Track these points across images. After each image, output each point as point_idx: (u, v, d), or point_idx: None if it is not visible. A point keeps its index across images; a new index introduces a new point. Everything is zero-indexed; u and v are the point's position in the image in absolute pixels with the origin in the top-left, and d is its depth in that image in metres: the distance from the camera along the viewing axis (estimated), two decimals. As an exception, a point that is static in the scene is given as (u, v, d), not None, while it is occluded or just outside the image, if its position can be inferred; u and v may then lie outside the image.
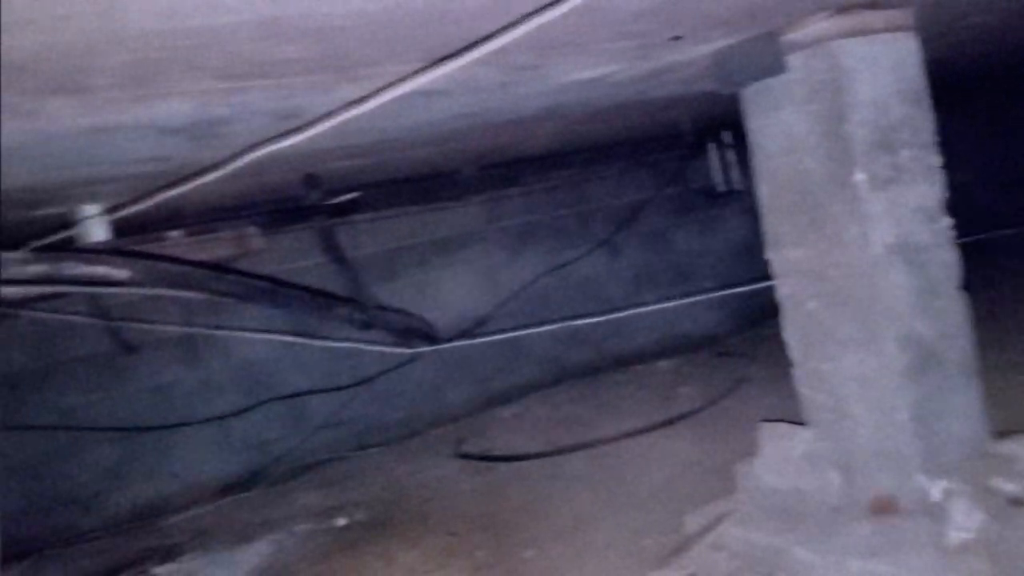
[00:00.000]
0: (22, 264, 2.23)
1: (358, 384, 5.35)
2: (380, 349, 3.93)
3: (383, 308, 3.88)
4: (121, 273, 2.39)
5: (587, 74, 2.97)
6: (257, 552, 3.72)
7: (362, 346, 3.72)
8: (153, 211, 3.26)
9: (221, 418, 5.01)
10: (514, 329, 5.12)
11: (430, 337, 4.08)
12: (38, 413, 4.59)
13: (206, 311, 4.69)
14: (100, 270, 2.34)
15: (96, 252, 2.50)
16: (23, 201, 2.86)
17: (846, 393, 2.79)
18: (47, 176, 2.57)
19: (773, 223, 2.96)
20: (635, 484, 3.83)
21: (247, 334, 4.11)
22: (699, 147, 6.58)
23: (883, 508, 2.72)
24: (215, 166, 2.27)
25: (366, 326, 3.70)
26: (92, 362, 4.75)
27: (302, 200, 3.75)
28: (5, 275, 2.19)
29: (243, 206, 4.22)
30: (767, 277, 3.06)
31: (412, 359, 5.40)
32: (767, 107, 2.89)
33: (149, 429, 4.82)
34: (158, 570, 3.68)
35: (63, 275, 2.27)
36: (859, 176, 2.63)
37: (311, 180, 3.62)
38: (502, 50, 1.97)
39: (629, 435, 4.47)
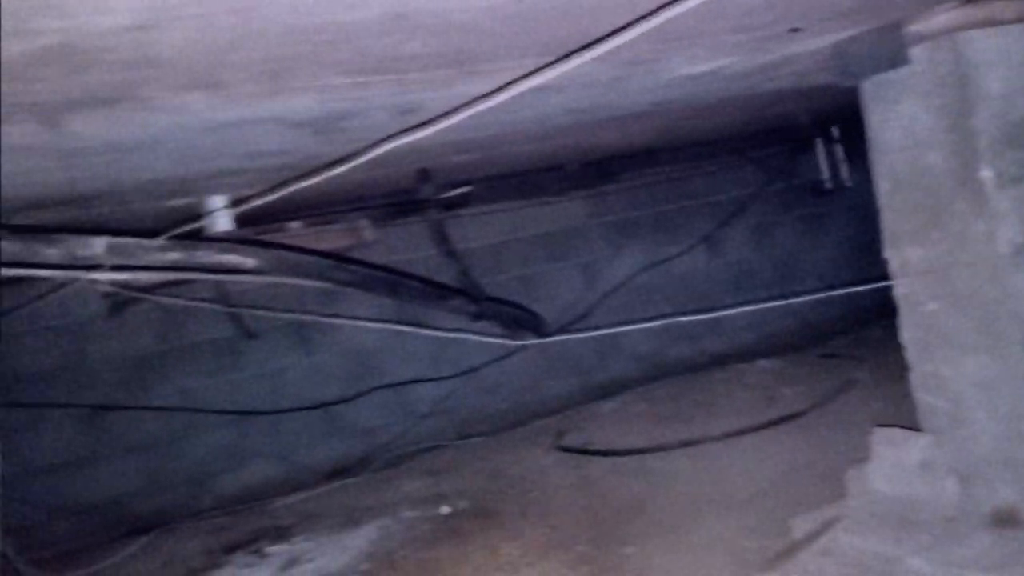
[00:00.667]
0: (160, 251, 2.32)
1: (462, 374, 5.41)
2: (490, 340, 3.95)
3: (494, 300, 3.90)
4: (249, 261, 2.47)
5: (700, 68, 2.91)
6: (365, 537, 3.79)
7: (473, 337, 3.75)
8: (273, 203, 3.36)
9: (329, 404, 5.13)
10: (614, 325, 5.09)
11: (538, 330, 4.08)
12: (161, 394, 4.80)
13: (317, 299, 4.83)
14: (231, 258, 2.43)
15: (227, 241, 2.59)
16: (156, 192, 2.99)
17: (966, 399, 2.66)
18: (180, 168, 2.67)
19: (892, 220, 2.85)
20: (738, 485, 3.74)
21: (365, 323, 4.19)
22: (806, 142, 6.40)
23: (1004, 519, 2.59)
24: (347, 158, 2.31)
25: (477, 317, 3.73)
26: (211, 347, 4.94)
27: (415, 194, 3.80)
28: (144, 261, 2.29)
29: (357, 199, 4.30)
30: (876, 277, 2.95)
31: (514, 351, 5.42)
32: (888, 100, 2.78)
33: (262, 413, 4.98)
34: (271, 550, 3.79)
35: (197, 262, 2.37)
36: (985, 173, 2.50)
37: (424, 175, 3.67)
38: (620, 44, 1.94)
39: (732, 435, 4.38)
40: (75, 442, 4.62)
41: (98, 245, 2.15)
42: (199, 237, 2.64)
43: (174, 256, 2.34)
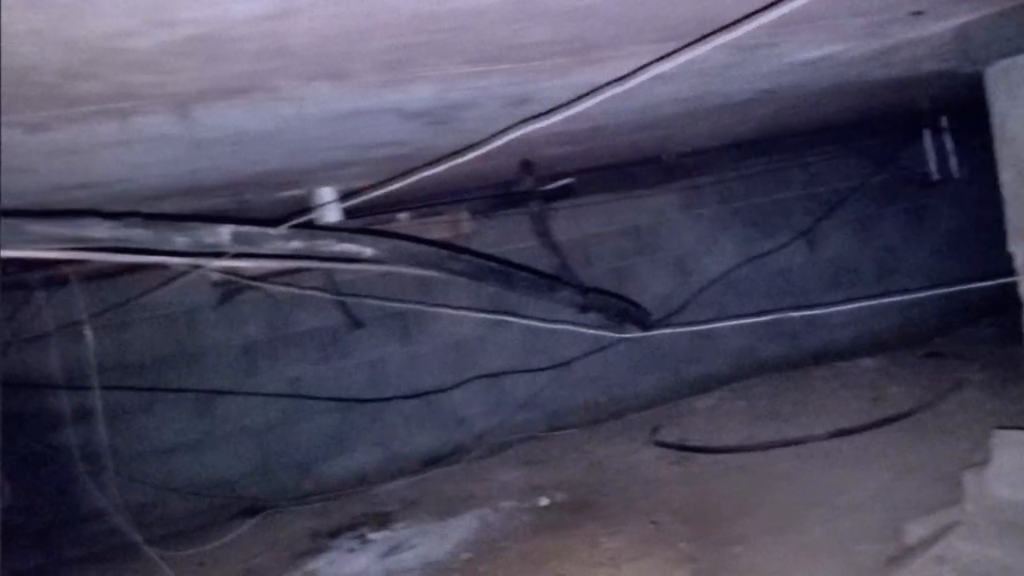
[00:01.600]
0: (283, 240, 2.34)
1: (556, 367, 5.36)
2: (597, 333, 3.89)
3: (600, 291, 3.83)
4: (367, 251, 2.47)
5: (815, 53, 2.79)
6: (465, 526, 3.78)
7: (579, 328, 3.69)
8: (379, 195, 3.37)
9: (427, 393, 5.16)
10: (711, 320, 4.95)
11: (643, 323, 3.99)
12: (269, 381, 4.90)
13: (415, 291, 4.86)
14: (349, 247, 2.43)
15: (346, 231, 2.60)
16: (269, 183, 3.02)
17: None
18: (294, 160, 2.69)
19: (1017, 213, 2.67)
20: (846, 487, 3.59)
21: (477, 314, 4.18)
22: (912, 131, 6.11)
23: None
24: (470, 147, 2.28)
25: (585, 309, 3.67)
26: (316, 336, 5.01)
27: (517, 185, 3.76)
28: (267, 249, 2.30)
29: (458, 191, 4.30)
30: (983, 273, 2.77)
31: (607, 345, 5.36)
32: (1015, 86, 2.61)
33: (364, 401, 5.03)
34: (374, 536, 3.82)
35: (318, 251, 2.37)
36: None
37: (527, 166, 3.63)
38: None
39: (837, 434, 4.21)
40: (188, 426, 4.75)
41: (224, 233, 2.17)
42: (324, 227, 2.65)
43: (296, 245, 2.35)
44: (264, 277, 3.52)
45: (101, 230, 1.92)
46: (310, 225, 2.73)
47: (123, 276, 4.36)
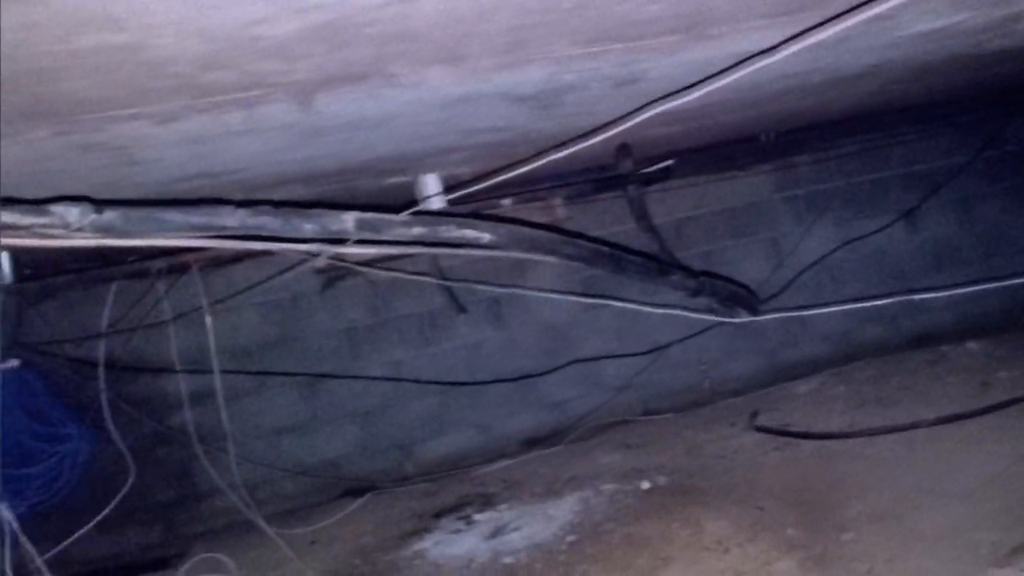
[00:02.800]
0: (405, 226, 2.34)
1: (652, 351, 5.28)
2: (708, 318, 3.79)
3: (710, 275, 3.73)
4: (485, 236, 2.45)
5: (932, 25, 2.64)
6: (568, 507, 3.74)
7: (689, 313, 3.61)
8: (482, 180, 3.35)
9: (524, 377, 5.14)
10: (812, 306, 4.78)
11: (753, 307, 3.87)
12: (371, 365, 4.96)
13: (510, 275, 4.85)
14: (468, 232, 2.42)
15: (465, 216, 2.58)
16: (377, 170, 3.03)
17: None
18: (403, 146, 2.69)
19: None
20: (959, 474, 3.41)
21: (578, 298, 4.14)
22: (1017, 108, 5.78)
23: None
24: (594, 131, 2.23)
25: (696, 293, 3.57)
26: (416, 321, 5.05)
27: (614, 168, 3.69)
28: (389, 235, 2.30)
29: (553, 176, 4.24)
30: None
31: (703, 329, 5.24)
32: None
33: (462, 384, 5.05)
34: (478, 517, 3.81)
35: (438, 237, 2.36)
36: None
37: (624, 149, 3.55)
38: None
39: (946, 420, 4.01)
40: (295, 408, 4.84)
41: (348, 220, 2.18)
42: (442, 213, 2.64)
43: (418, 231, 2.35)
44: (366, 263, 3.55)
45: (233, 218, 1.94)
46: (426, 211, 2.72)
47: (235, 264, 4.48)
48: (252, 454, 4.32)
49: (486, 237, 2.43)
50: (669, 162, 3.95)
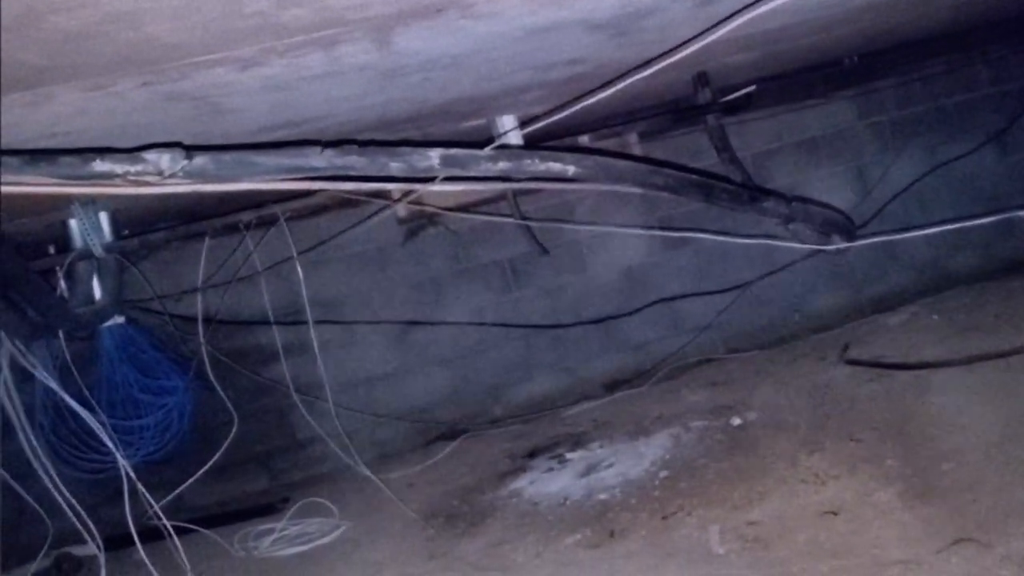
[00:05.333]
0: (491, 161, 2.27)
1: (734, 288, 5.13)
2: (798, 246, 3.61)
3: (804, 200, 3.55)
4: (570, 169, 2.36)
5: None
6: (658, 445, 3.68)
7: (780, 243, 3.45)
8: (554, 122, 3.23)
9: (605, 319, 5.06)
10: (902, 228, 4.53)
11: (849, 233, 3.67)
12: (456, 312, 4.95)
13: (590, 216, 4.75)
14: (553, 166, 2.33)
15: (550, 150, 2.49)
16: (453, 113, 2.95)
17: None
18: (479, 86, 2.60)
19: None
20: (1070, 400, 3.22)
21: (664, 233, 4.01)
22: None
23: None
24: (661, 56, 2.10)
25: (789, 220, 3.40)
26: (497, 267, 5.01)
27: (691, 100, 3.52)
28: (475, 172, 2.24)
29: (627, 113, 4.09)
30: None
31: (785, 265, 5.07)
32: None
33: (545, 327, 5.00)
34: (570, 455, 3.79)
35: (524, 171, 2.29)
36: None
37: (701, 78, 3.38)
38: None
39: (1054, 345, 3.77)
40: (385, 356, 4.87)
41: (434, 157, 2.12)
42: (527, 146, 2.56)
43: (503, 165, 2.27)
44: (449, 210, 3.51)
45: (321, 159, 1.91)
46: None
47: (320, 215, 4.50)
48: (346, 402, 4.36)
49: (571, 170, 2.33)
50: (751, 88, 3.74)
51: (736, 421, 3.79)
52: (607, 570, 2.76)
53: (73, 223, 2.83)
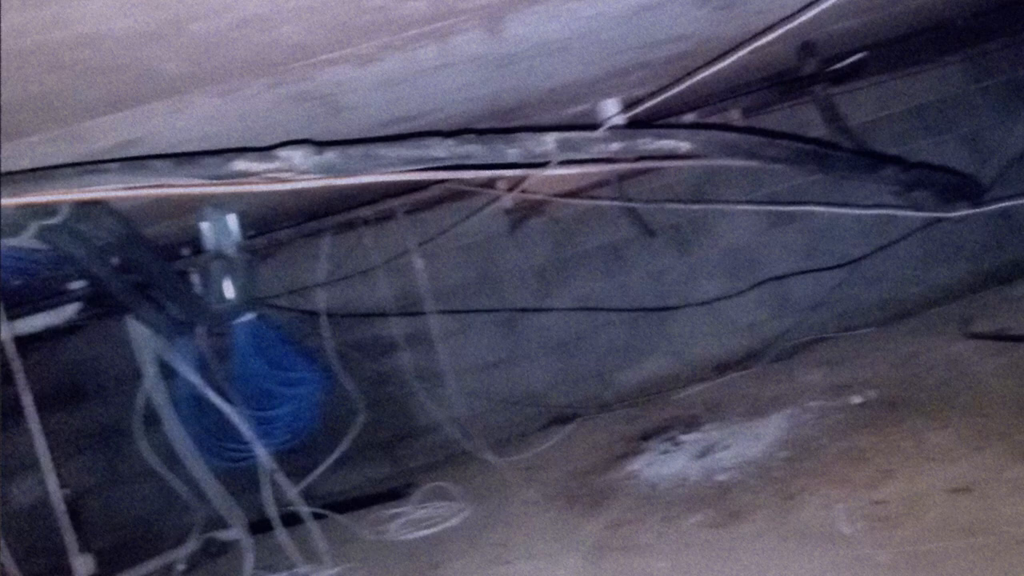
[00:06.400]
0: (604, 142, 2.23)
1: (844, 265, 4.92)
2: (919, 215, 3.42)
3: (926, 166, 3.36)
4: (684, 145, 2.30)
5: None
6: (775, 425, 3.56)
7: (901, 212, 3.27)
8: (656, 104, 3.16)
9: (712, 301, 4.95)
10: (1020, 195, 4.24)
11: (975, 197, 3.45)
12: (562, 299, 4.93)
13: (693, 194, 4.66)
14: (667, 143, 2.28)
15: (662, 127, 2.44)
16: (558, 100, 2.92)
17: None
18: (586, 70, 2.56)
19: None
20: None
21: (779, 208, 3.87)
22: None
23: None
24: (767, 30, 2.01)
25: (910, 187, 3.22)
26: (601, 253, 4.96)
27: (796, 71, 3.37)
28: (590, 153, 2.21)
29: (727, 89, 3.96)
30: None
31: (898, 239, 4.82)
32: None
33: (650, 310, 4.93)
34: (685, 438, 3.71)
35: (637, 150, 2.25)
36: None
37: (807, 48, 3.23)
38: None
39: None
40: (496, 344, 4.90)
41: (549, 141, 2.10)
42: (641, 124, 2.51)
43: (617, 146, 2.24)
44: (556, 197, 3.48)
45: (442, 148, 1.92)
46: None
47: (432, 209, 4.55)
48: (460, 389, 4.40)
49: (685, 146, 2.27)
50: (861, 55, 3.55)
51: (856, 400, 3.63)
52: (731, 550, 2.69)
53: (205, 226, 2.95)
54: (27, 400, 1.31)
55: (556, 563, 2.87)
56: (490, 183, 3.57)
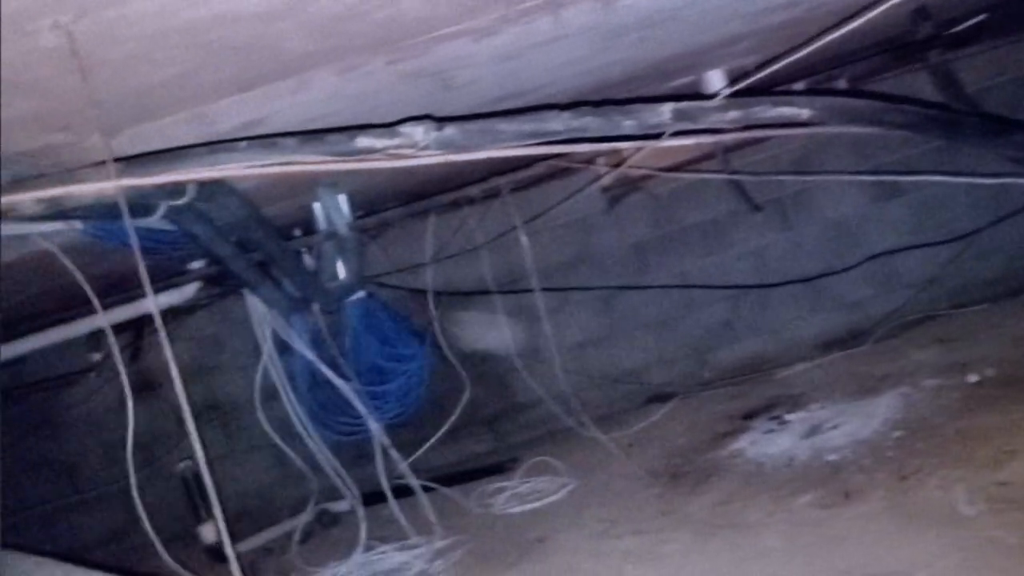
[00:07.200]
0: (721, 110, 2.15)
1: (954, 240, 4.64)
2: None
3: None
4: (804, 112, 2.19)
5: None
6: (886, 405, 3.39)
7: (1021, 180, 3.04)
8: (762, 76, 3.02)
9: (814, 278, 4.75)
10: None
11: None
12: (660, 277, 4.83)
13: (797, 166, 4.49)
14: (787, 110, 2.17)
15: (781, 94, 2.33)
16: (663, 72, 2.83)
17: None
18: (693, 39, 2.46)
19: None
20: None
21: (906, 178, 3.68)
22: None
23: None
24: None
25: None
26: (699, 229, 4.84)
27: (910, 36, 3.16)
28: (706, 123, 2.12)
29: (832, 58, 3.76)
30: None
31: (1014, 212, 4.52)
32: None
33: (750, 287, 4.78)
34: (790, 417, 3.58)
35: (755, 118, 2.15)
36: None
37: (921, 12, 3.03)
38: None
39: None
40: (594, 322, 4.84)
41: (665, 112, 2.03)
42: (756, 91, 2.41)
43: (734, 115, 2.15)
44: (655, 174, 3.39)
45: (558, 122, 1.87)
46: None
47: (534, 188, 4.49)
48: (560, 366, 4.35)
49: (805, 112, 2.15)
50: (981, 16, 3.31)
51: (972, 378, 3.42)
52: (846, 531, 2.57)
53: (317, 206, 2.98)
54: (174, 372, 1.33)
55: (665, 539, 2.81)
56: (591, 160, 3.50)
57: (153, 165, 1.69)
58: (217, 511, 1.29)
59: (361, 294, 3.18)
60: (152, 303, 1.59)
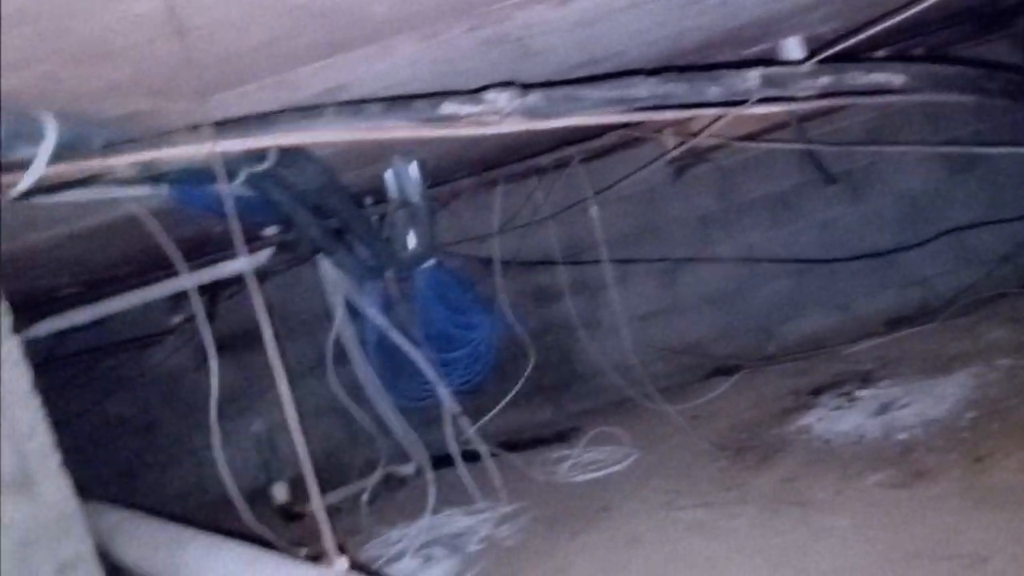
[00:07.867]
0: (811, 77, 2.06)
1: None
2: None
3: None
4: (898, 79, 2.09)
5: None
6: (958, 384, 3.26)
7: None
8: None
9: (884, 253, 4.59)
10: None
11: None
12: (725, 249, 4.73)
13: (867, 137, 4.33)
14: (879, 77, 2.07)
15: (874, 60, 2.23)
16: (736, 40, 2.73)
17: None
18: (768, 6, 2.36)
19: None
20: None
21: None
22: None
23: None
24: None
25: None
26: (766, 202, 4.72)
27: (993, 5, 2.99)
28: (795, 90, 2.04)
29: (915, 26, 3.59)
30: None
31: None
32: None
33: (817, 262, 4.64)
34: (860, 393, 3.47)
35: (846, 86, 2.06)
36: None
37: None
38: None
39: None
40: (657, 294, 4.78)
41: (753, 77, 1.95)
42: (847, 58, 2.30)
43: (824, 81, 2.06)
44: (727, 143, 3.28)
45: (643, 88, 1.81)
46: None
47: (602, 159, 4.42)
48: (623, 338, 4.30)
49: (899, 79, 2.04)
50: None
51: (1051, 358, 3.28)
52: (918, 511, 2.48)
53: (389, 174, 2.97)
54: (267, 334, 1.33)
55: (731, 513, 2.76)
56: (660, 129, 3.41)
57: (243, 130, 1.69)
58: (307, 467, 1.28)
59: (431, 262, 3.17)
60: (245, 263, 1.59)
